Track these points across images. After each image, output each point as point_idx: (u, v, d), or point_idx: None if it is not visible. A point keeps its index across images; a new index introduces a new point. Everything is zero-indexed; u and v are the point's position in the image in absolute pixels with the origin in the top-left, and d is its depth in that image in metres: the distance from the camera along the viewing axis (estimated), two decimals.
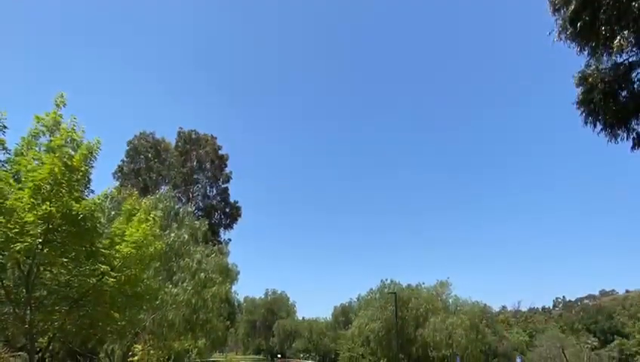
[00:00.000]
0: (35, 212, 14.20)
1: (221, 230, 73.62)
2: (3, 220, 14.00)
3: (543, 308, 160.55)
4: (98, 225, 17.03)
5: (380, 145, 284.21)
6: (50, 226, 14.76)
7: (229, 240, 73.70)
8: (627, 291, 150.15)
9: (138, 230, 18.19)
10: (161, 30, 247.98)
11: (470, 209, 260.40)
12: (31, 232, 14.20)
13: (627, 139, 14.21)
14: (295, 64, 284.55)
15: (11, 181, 14.97)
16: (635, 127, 14.00)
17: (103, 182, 61.44)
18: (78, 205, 15.06)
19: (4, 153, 16.02)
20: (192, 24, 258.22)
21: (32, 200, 14.27)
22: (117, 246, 17.56)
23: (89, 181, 17.49)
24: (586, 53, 13.71)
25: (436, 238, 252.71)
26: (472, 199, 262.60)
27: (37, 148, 15.93)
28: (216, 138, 74.81)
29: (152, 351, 37.67)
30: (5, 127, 16.03)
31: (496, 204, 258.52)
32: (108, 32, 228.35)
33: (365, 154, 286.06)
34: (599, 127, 14.44)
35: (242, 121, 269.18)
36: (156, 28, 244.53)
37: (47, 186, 14.43)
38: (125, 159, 70.13)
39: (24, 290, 16.24)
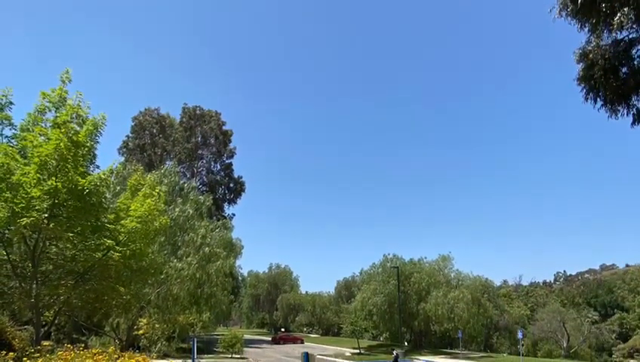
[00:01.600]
0: (41, 187, 14.42)
1: (225, 205, 74.35)
2: (9, 195, 14.24)
3: (544, 283, 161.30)
4: (103, 200, 17.27)
5: (381, 120, 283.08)
6: (56, 201, 14.99)
7: (233, 214, 74.49)
8: (627, 265, 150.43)
9: (143, 205, 18.43)
10: (164, 5, 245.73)
11: (471, 184, 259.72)
12: (37, 207, 14.43)
13: (627, 115, 14.23)
14: (298, 38, 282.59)
15: (17, 156, 15.17)
16: (636, 103, 14.00)
17: (108, 157, 61.74)
18: (83, 180, 15.26)
19: (10, 129, 16.21)
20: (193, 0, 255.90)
21: (38, 175, 14.47)
22: (122, 221, 17.82)
23: (94, 156, 17.65)
24: (586, 29, 13.65)
25: (438, 213, 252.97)
26: (473, 174, 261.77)
27: (43, 124, 16.08)
28: (220, 114, 75.00)
29: (157, 325, 38.38)
30: (11, 103, 16.19)
31: (497, 179, 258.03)
32: (112, 9, 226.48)
33: (367, 128, 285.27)
34: (599, 103, 14.43)
35: (246, 96, 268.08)
36: (159, 3, 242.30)
37: (53, 162, 14.61)
38: (130, 135, 70.42)
39: (30, 265, 16.54)
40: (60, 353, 11.48)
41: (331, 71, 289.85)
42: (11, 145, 15.78)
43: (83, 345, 13.98)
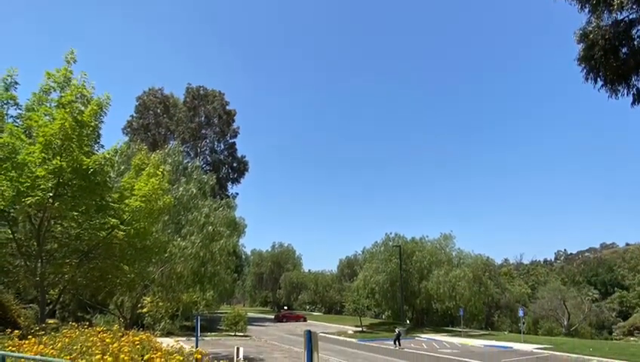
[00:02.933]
0: (46, 166, 14.61)
1: (229, 184, 74.44)
2: (15, 174, 14.43)
3: (545, 261, 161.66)
4: (108, 179, 17.49)
5: (383, 101, 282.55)
6: (61, 180, 15.19)
7: (237, 194, 74.67)
8: (627, 244, 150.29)
9: (147, 184, 18.63)
10: None
11: (473, 163, 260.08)
12: (42, 186, 14.63)
13: (627, 94, 14.35)
14: (301, 21, 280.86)
15: (23, 136, 15.36)
16: (635, 82, 14.11)
17: (112, 137, 61.86)
18: (88, 160, 15.44)
19: (15, 109, 16.39)
20: None
21: (42, 155, 14.65)
22: (126, 200, 18.04)
23: (99, 136, 17.84)
24: (586, 10, 13.72)
25: (439, 192, 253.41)
26: (474, 153, 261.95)
27: (48, 104, 16.24)
28: (224, 94, 74.76)
29: (160, 303, 38.83)
30: (16, 83, 16.33)
31: (499, 158, 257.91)
32: None
33: (369, 110, 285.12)
34: (600, 83, 14.55)
35: (250, 76, 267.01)
36: None
37: (58, 141, 14.78)
38: (134, 114, 70.35)
39: (35, 243, 16.80)
40: (64, 331, 11.69)
41: (334, 52, 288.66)
42: (16, 124, 15.95)
43: (87, 323, 14.17)
